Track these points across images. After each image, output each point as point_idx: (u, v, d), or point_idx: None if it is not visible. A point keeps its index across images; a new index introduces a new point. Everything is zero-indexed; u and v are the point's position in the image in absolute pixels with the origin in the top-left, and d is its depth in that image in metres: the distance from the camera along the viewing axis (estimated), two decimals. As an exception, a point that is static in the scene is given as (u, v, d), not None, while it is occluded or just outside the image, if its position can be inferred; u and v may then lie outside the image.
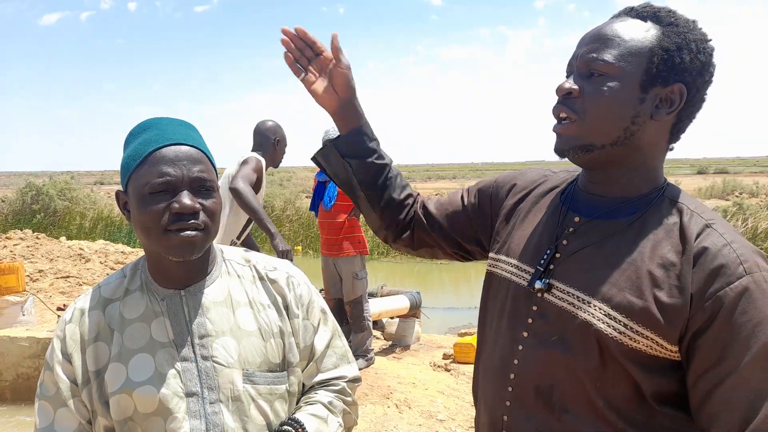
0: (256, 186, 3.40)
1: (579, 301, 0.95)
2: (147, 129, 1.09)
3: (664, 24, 0.94)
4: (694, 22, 0.96)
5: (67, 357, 1.10)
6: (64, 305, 5.50)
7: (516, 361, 1.02)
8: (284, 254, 3.35)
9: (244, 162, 3.41)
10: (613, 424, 0.93)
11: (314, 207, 4.53)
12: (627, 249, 0.93)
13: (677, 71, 0.93)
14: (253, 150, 3.63)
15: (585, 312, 0.94)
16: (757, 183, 23.69)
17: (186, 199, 1.03)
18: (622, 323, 0.90)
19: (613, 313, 0.91)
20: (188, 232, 1.03)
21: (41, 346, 4.26)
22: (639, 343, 0.90)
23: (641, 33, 0.94)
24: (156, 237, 1.04)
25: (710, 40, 0.95)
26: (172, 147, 1.05)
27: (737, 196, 18.24)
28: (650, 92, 0.93)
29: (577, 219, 1.01)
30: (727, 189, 21.64)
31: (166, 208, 1.03)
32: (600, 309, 0.92)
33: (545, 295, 0.99)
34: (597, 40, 0.95)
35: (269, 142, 3.64)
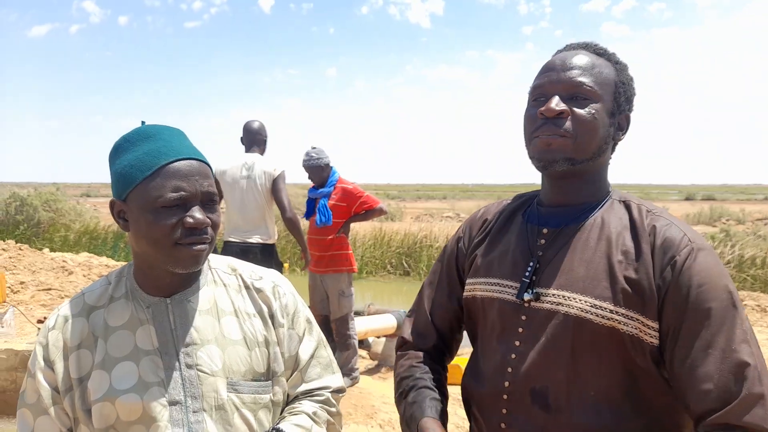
0: None
1: (564, 299, 1.03)
2: (149, 138, 1.07)
3: (614, 62, 1.10)
4: (627, 64, 1.13)
5: (49, 364, 1.09)
6: (45, 318, 5.39)
7: (510, 369, 1.07)
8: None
9: (281, 177, 4.07)
10: (607, 416, 0.99)
11: (308, 217, 4.51)
12: (594, 246, 1.05)
13: (627, 102, 1.10)
14: (250, 149, 4.19)
15: (572, 308, 1.02)
16: (743, 210, 23.98)
17: (199, 214, 1.04)
18: (607, 310, 0.99)
19: (598, 303, 1.00)
20: (198, 246, 1.05)
21: (20, 358, 4.16)
22: (627, 326, 0.98)
23: (606, 67, 1.08)
24: (165, 249, 1.04)
25: (633, 79, 1.14)
26: (185, 161, 1.06)
27: (724, 223, 18.45)
28: (615, 117, 1.08)
29: (545, 230, 1.11)
30: (714, 216, 21.88)
31: (179, 222, 1.03)
32: (585, 302, 1.01)
33: (532, 303, 1.06)
34: (575, 67, 1.06)
35: (263, 139, 4.23)
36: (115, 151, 1.10)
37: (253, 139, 4.20)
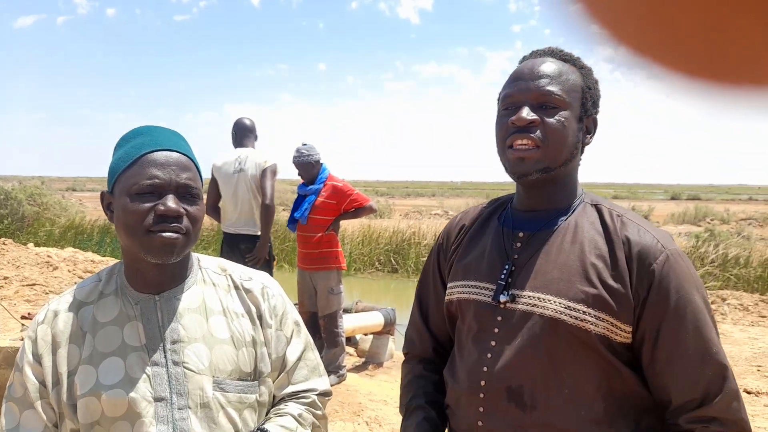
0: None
1: (539, 300, 1.06)
2: (139, 135, 1.11)
3: (579, 67, 1.12)
4: (591, 68, 1.16)
5: (37, 358, 1.09)
6: (29, 314, 5.34)
7: (485, 369, 1.10)
8: (260, 262, 4.11)
9: (271, 169, 4.13)
10: (581, 414, 1.03)
11: (292, 220, 4.48)
12: (569, 249, 1.08)
13: (593, 105, 1.13)
14: (239, 145, 4.29)
15: (547, 309, 1.05)
16: (728, 210, 24.29)
17: (171, 202, 1.05)
18: (581, 311, 1.03)
19: (572, 305, 1.03)
20: (169, 234, 1.05)
21: (2, 355, 4.11)
22: (598, 326, 1.02)
23: (572, 74, 1.10)
24: (138, 237, 1.05)
25: (598, 81, 1.16)
26: (163, 152, 1.08)
27: (709, 223, 18.66)
28: (583, 122, 1.11)
29: (521, 234, 1.14)
30: (699, 215, 22.11)
31: (151, 209, 1.05)
32: (559, 303, 1.04)
33: (508, 305, 1.09)
34: (543, 76, 1.08)
35: (254, 136, 4.34)
36: (114, 149, 1.14)
37: (245, 135, 4.31)
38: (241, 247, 4.16)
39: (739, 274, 9.96)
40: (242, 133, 4.32)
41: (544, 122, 1.06)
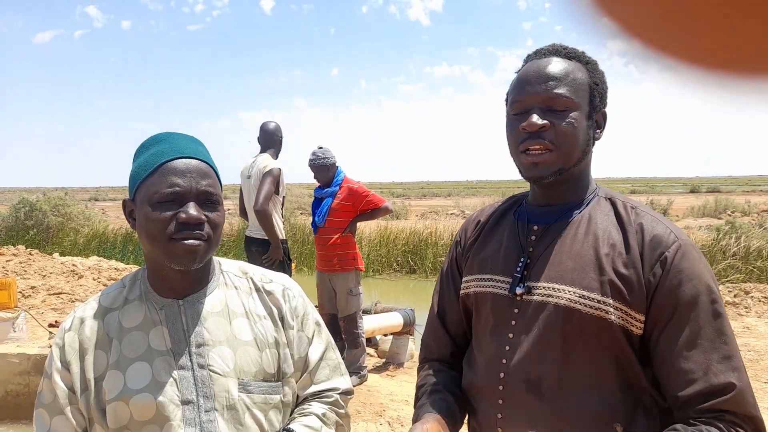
0: (277, 190, 4.19)
1: (554, 291, 1.07)
2: (159, 142, 1.12)
3: (584, 62, 1.12)
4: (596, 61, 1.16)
5: (65, 365, 1.11)
6: (56, 322, 5.45)
7: (504, 361, 1.11)
8: (273, 263, 4.14)
9: (269, 173, 4.12)
10: (599, 404, 1.03)
11: (314, 224, 4.54)
12: (582, 240, 1.09)
13: (601, 100, 1.12)
14: (265, 149, 4.36)
15: (561, 299, 1.06)
16: (748, 202, 23.85)
17: (192, 210, 1.06)
18: (595, 300, 1.03)
19: (586, 293, 1.04)
20: (192, 241, 1.06)
21: (32, 362, 4.21)
22: (612, 315, 1.02)
23: (578, 71, 1.10)
24: (161, 244, 1.07)
25: (604, 74, 1.16)
26: (183, 160, 1.09)
27: (729, 215, 18.35)
28: (593, 119, 1.11)
29: (536, 227, 1.16)
30: (720, 208, 21.76)
31: (173, 217, 1.06)
32: (574, 293, 1.05)
33: (524, 297, 1.10)
34: (550, 78, 1.08)
35: (277, 140, 4.39)
36: (134, 156, 1.15)
37: (269, 139, 4.38)
38: (252, 250, 4.30)
39: (763, 266, 9.78)
40: (265, 138, 4.40)
41: (555, 126, 1.06)
